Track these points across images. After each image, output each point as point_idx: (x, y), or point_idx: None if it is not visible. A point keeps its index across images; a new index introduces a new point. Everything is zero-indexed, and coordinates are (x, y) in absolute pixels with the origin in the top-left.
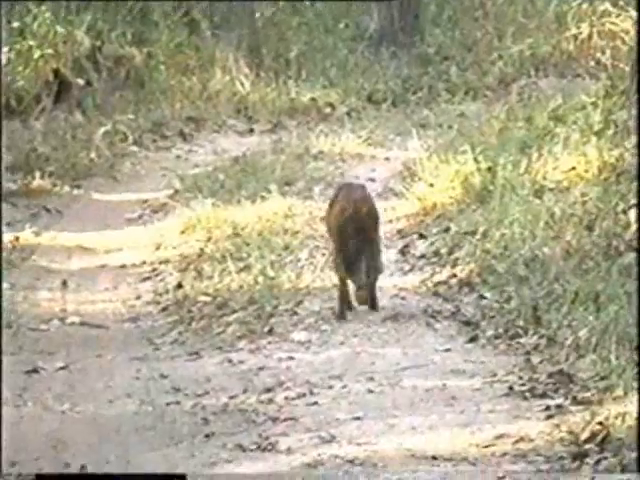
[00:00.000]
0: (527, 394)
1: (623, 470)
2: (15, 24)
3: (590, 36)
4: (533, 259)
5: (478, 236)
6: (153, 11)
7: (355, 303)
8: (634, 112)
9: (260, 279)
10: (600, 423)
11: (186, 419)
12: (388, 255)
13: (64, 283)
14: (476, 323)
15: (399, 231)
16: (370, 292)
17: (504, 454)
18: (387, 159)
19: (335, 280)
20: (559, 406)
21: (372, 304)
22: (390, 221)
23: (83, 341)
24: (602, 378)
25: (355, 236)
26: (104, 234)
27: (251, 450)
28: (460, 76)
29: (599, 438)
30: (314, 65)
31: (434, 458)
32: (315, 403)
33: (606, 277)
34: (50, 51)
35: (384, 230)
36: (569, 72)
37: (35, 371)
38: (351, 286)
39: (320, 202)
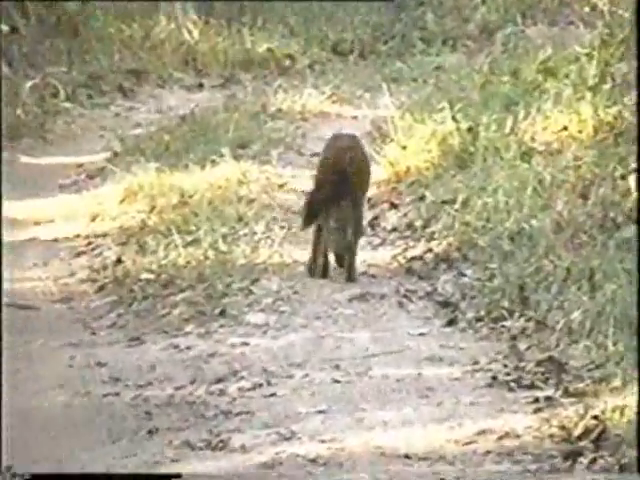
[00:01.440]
0: (513, 384)
1: (622, 470)
2: None
3: None
4: (519, 232)
5: (457, 206)
6: None
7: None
8: (634, 64)
9: (210, 254)
10: (595, 417)
11: (126, 413)
12: None
13: None
14: (455, 304)
15: (368, 200)
16: (349, 258)
17: (487, 452)
18: (354, 118)
19: (295, 255)
20: (549, 398)
21: (349, 273)
22: None
23: (9, 324)
24: (597, 367)
25: (334, 185)
26: (33, 203)
27: (200, 448)
28: (437, 24)
29: (594, 434)
30: (272, 11)
31: (407, 457)
32: (273, 395)
33: (602, 252)
34: None
35: None
36: (561, 19)
37: None
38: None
39: (279, 167)
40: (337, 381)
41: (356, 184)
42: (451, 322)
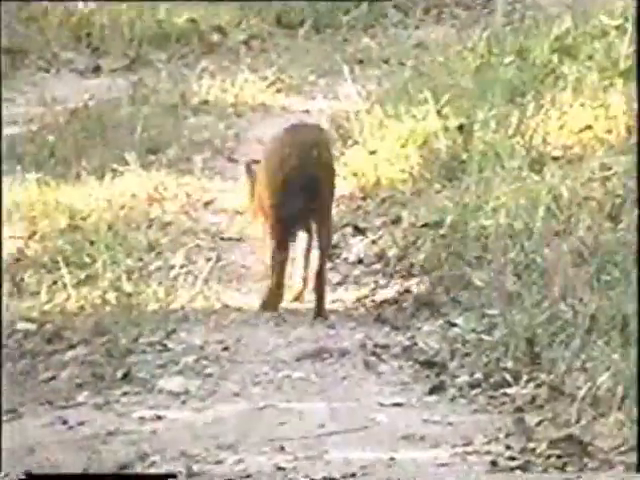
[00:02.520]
0: (519, 472)
1: None
2: None
3: None
4: (528, 266)
5: (444, 230)
6: None
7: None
8: None
9: (111, 296)
10: None
11: None
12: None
13: None
14: (442, 364)
15: None
16: (318, 284)
17: None
18: (306, 112)
19: (226, 297)
20: None
21: (319, 305)
22: None
23: None
24: (631, 449)
25: (304, 192)
26: None
27: None
28: None
29: None
30: None
31: None
32: None
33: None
34: None
35: None
36: None
37: None
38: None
39: (204, 179)
40: (281, 468)
41: (326, 190)
42: (436, 389)
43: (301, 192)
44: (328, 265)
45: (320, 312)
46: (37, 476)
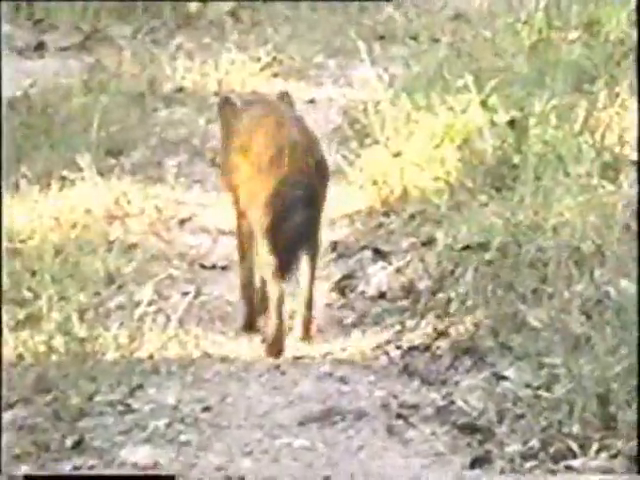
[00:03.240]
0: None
1: None
2: None
3: None
4: (600, 302)
5: (492, 255)
6: None
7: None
8: None
9: (59, 342)
10: None
11: None
12: (316, 295)
13: None
14: (487, 429)
15: (334, 245)
16: (307, 305)
17: None
18: (311, 102)
19: (206, 343)
20: None
21: (306, 326)
22: None
23: None
24: None
25: (299, 209)
26: None
27: None
28: None
29: None
30: None
31: None
32: None
33: None
34: None
35: None
36: None
37: None
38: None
39: (179, 188)
40: None
41: (321, 198)
42: (480, 461)
43: (300, 206)
44: (340, 301)
45: (307, 332)
46: (37, 477)
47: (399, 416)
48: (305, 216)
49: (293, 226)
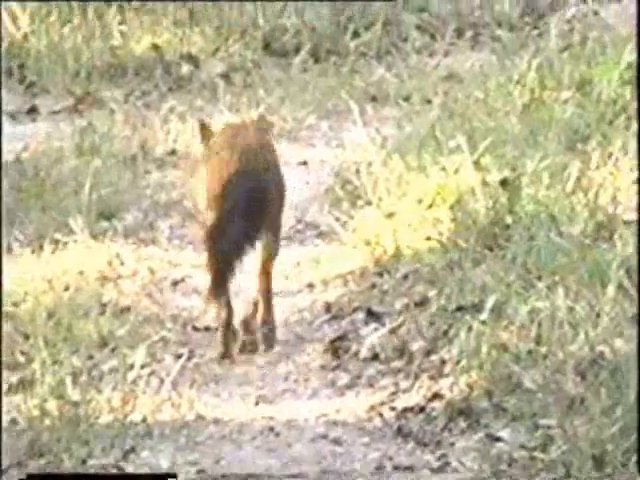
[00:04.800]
0: None
1: None
2: None
3: None
4: (594, 362)
5: (485, 315)
6: None
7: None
8: None
9: (52, 405)
10: None
11: None
12: (309, 357)
13: None
14: None
15: (327, 306)
16: (265, 311)
17: None
18: (303, 164)
19: (200, 406)
20: None
21: (267, 335)
22: (310, 286)
23: None
24: None
25: (245, 215)
26: None
27: None
28: (447, 0)
29: None
30: None
31: None
32: None
33: None
34: None
35: (298, 303)
36: None
37: None
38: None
39: (171, 250)
40: None
41: (276, 204)
42: None
43: (242, 217)
44: (333, 363)
45: (268, 341)
46: (38, 476)
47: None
48: (247, 223)
49: (229, 237)
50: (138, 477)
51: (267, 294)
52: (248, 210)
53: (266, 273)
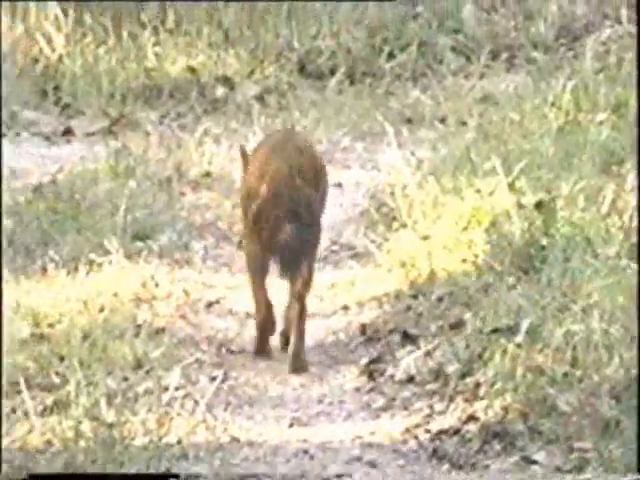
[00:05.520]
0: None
1: None
2: None
3: None
4: (630, 386)
5: (520, 338)
6: None
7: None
8: None
9: (87, 427)
10: None
11: None
12: (344, 379)
13: None
14: None
15: (363, 328)
16: (297, 339)
17: None
18: (338, 186)
19: (234, 428)
20: None
21: (296, 361)
22: (345, 308)
23: None
24: None
25: (288, 221)
26: None
27: None
28: (482, 22)
29: None
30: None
31: None
32: None
33: None
34: None
35: (333, 324)
36: None
37: None
38: None
39: (206, 271)
40: None
41: (318, 209)
42: None
43: (284, 223)
44: (368, 385)
45: (297, 365)
46: (39, 476)
47: None
48: (291, 230)
49: (280, 241)
50: (139, 477)
51: (300, 322)
52: (291, 223)
53: (300, 301)
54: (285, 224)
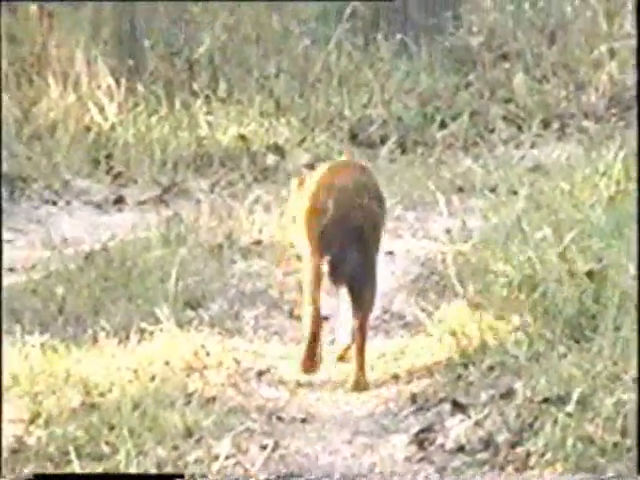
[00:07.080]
0: None
1: None
2: None
3: None
4: None
5: (571, 407)
6: None
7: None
8: None
9: None
10: None
11: None
12: (394, 448)
13: None
14: None
15: (413, 397)
16: (359, 342)
17: None
18: (390, 254)
19: None
20: None
21: (359, 373)
22: (395, 377)
23: None
24: None
25: (343, 245)
26: None
27: None
28: (533, 91)
29: None
30: (244, 69)
31: None
32: None
33: None
34: None
35: (383, 393)
36: None
37: None
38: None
39: (257, 340)
40: None
41: (374, 238)
42: None
43: (340, 248)
44: (419, 454)
45: (358, 385)
46: (43, 476)
47: None
48: (345, 255)
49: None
50: (144, 477)
51: (361, 345)
52: (346, 247)
53: (361, 327)
54: (350, 249)
